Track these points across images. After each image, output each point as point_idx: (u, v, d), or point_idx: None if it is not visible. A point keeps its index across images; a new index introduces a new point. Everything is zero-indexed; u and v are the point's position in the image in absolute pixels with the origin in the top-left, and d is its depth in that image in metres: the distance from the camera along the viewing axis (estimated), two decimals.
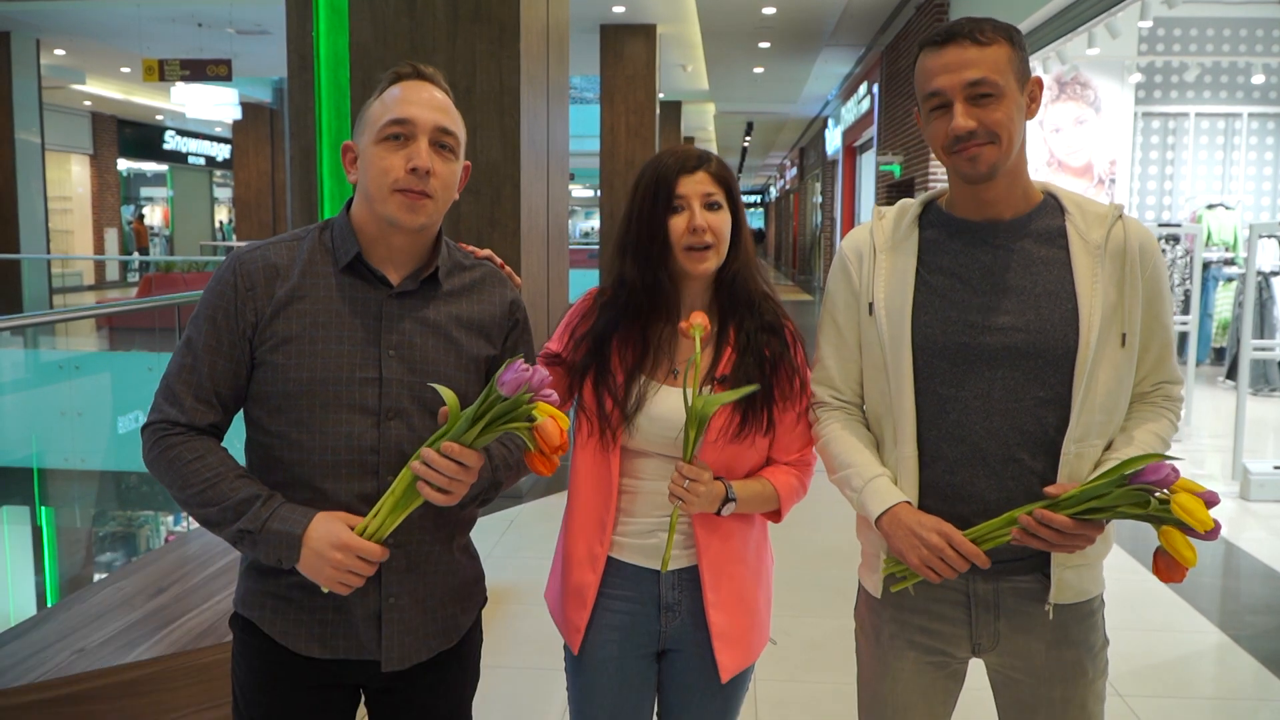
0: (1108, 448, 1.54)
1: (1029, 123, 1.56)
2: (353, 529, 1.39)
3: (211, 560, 2.74)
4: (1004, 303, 1.53)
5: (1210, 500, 1.35)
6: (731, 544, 1.69)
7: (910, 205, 1.64)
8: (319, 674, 1.51)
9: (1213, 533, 1.36)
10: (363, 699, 1.62)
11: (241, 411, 1.52)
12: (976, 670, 1.70)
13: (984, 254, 1.55)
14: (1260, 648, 3.57)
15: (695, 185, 1.62)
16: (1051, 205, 1.58)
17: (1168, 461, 1.37)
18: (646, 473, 1.67)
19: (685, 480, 1.55)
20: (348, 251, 1.48)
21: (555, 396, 1.36)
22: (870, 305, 1.60)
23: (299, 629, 1.48)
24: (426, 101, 1.49)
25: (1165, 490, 1.36)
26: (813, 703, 3.14)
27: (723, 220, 1.63)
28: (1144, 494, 1.37)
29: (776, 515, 1.74)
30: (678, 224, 1.61)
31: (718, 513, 1.63)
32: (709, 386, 1.63)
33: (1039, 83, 1.55)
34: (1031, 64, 8.29)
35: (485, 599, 1.68)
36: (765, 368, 1.65)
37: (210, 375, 1.44)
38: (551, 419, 1.34)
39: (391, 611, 1.50)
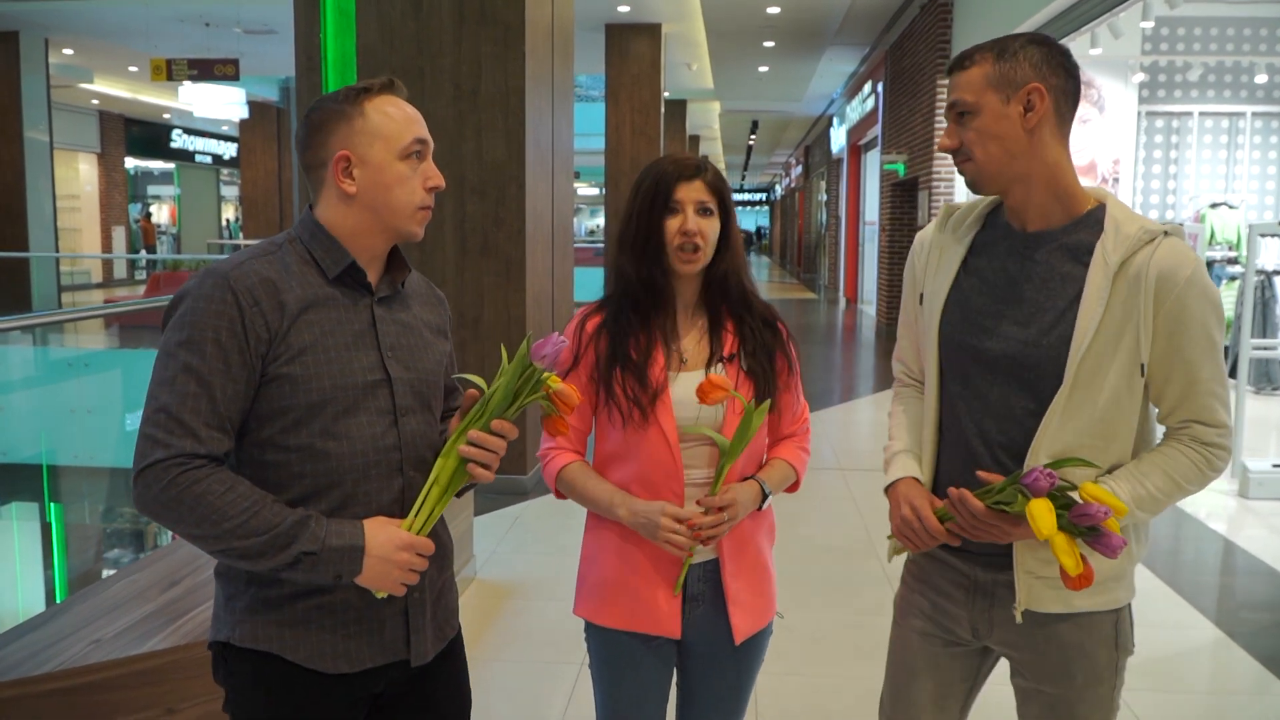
0: (1108, 473, 1.53)
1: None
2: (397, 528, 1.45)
3: None
4: (1014, 312, 1.57)
5: (1093, 515, 1.38)
6: (743, 524, 1.83)
7: (978, 205, 1.69)
8: (344, 689, 1.50)
9: (1103, 546, 1.39)
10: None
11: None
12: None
13: (1013, 262, 1.59)
14: (1256, 644, 3.61)
15: (691, 192, 1.75)
16: (1094, 220, 1.54)
17: (1053, 472, 1.42)
18: None
19: (721, 515, 1.71)
20: (338, 262, 1.48)
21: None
22: (921, 295, 1.71)
23: (325, 648, 1.47)
24: (422, 119, 1.53)
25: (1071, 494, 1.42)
26: (812, 695, 3.19)
27: (712, 226, 1.77)
28: (1017, 492, 1.44)
29: (795, 485, 1.93)
30: (672, 225, 1.75)
31: (759, 508, 1.81)
32: (720, 365, 1.80)
33: (1037, 89, 1.50)
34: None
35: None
36: (767, 357, 1.83)
37: (224, 400, 1.37)
38: (565, 384, 1.50)
39: (416, 605, 1.53)
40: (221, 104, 14.81)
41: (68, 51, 15.70)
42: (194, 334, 1.38)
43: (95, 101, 20.27)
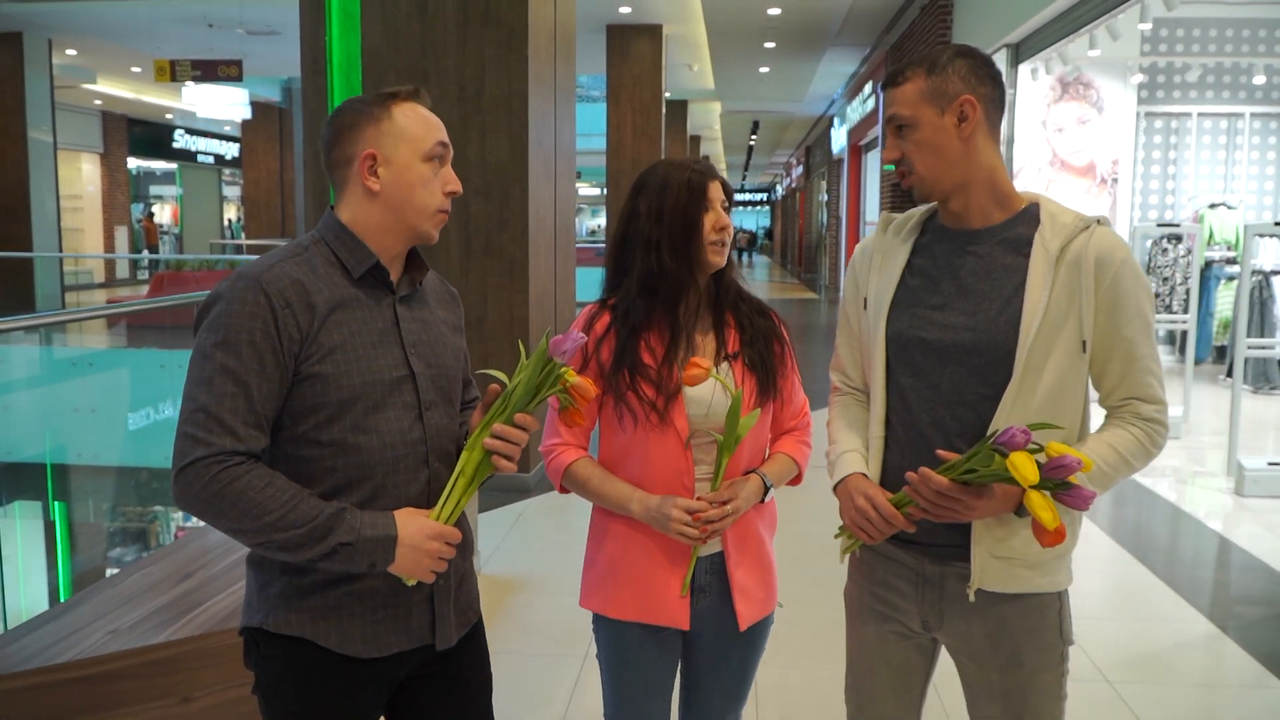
0: None
1: (1035, 124, 1.67)
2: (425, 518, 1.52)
3: (233, 549, 2.85)
4: (960, 303, 1.65)
5: (1068, 466, 1.43)
6: (746, 516, 1.89)
7: (915, 213, 1.80)
8: (372, 673, 1.57)
9: (1074, 497, 1.45)
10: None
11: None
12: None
13: (956, 258, 1.68)
14: (1248, 638, 3.67)
15: (716, 191, 1.88)
16: (1030, 215, 1.66)
17: (1026, 430, 1.47)
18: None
19: (725, 509, 1.78)
20: (363, 262, 1.54)
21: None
22: (865, 300, 1.78)
23: (355, 634, 1.54)
24: (443, 125, 1.59)
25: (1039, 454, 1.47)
26: (810, 688, 3.25)
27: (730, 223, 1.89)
28: (995, 453, 1.49)
29: (798, 478, 2.01)
30: (708, 220, 1.85)
31: (761, 500, 1.88)
32: (725, 364, 1.87)
33: (969, 100, 1.60)
34: (1033, 65, 8.34)
35: None
36: (764, 342, 1.91)
37: (260, 399, 1.43)
38: (581, 378, 1.57)
39: (441, 592, 1.61)
40: (224, 105, 14.85)
41: (71, 52, 15.75)
42: (229, 335, 1.43)
43: (98, 102, 20.32)
